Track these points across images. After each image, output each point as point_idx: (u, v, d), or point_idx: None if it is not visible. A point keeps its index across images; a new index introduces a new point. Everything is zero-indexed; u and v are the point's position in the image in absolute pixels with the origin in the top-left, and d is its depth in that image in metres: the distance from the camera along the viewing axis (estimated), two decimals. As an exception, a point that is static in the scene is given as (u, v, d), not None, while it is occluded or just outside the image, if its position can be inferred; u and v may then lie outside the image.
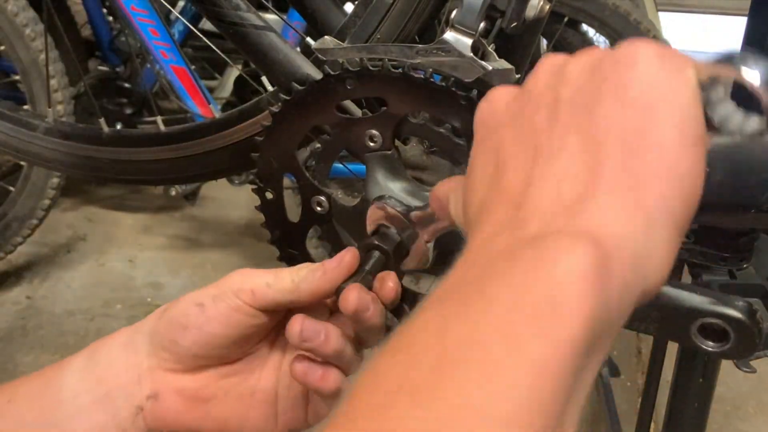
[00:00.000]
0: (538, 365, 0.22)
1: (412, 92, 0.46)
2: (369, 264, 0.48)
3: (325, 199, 0.54)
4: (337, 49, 0.50)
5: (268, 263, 2.11)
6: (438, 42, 0.46)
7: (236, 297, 0.46)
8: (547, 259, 0.23)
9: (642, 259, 0.25)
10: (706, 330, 0.39)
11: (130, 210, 2.26)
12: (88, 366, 0.49)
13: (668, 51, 0.29)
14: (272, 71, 0.55)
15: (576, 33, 1.74)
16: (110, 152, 0.67)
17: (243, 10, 0.54)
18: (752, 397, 1.55)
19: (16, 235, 1.80)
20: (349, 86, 0.49)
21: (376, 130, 0.50)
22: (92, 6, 2.08)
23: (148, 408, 0.48)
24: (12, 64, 1.69)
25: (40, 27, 1.65)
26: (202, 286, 0.48)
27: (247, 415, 0.50)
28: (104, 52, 2.11)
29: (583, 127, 0.28)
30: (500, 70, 0.46)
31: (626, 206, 0.25)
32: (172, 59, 1.77)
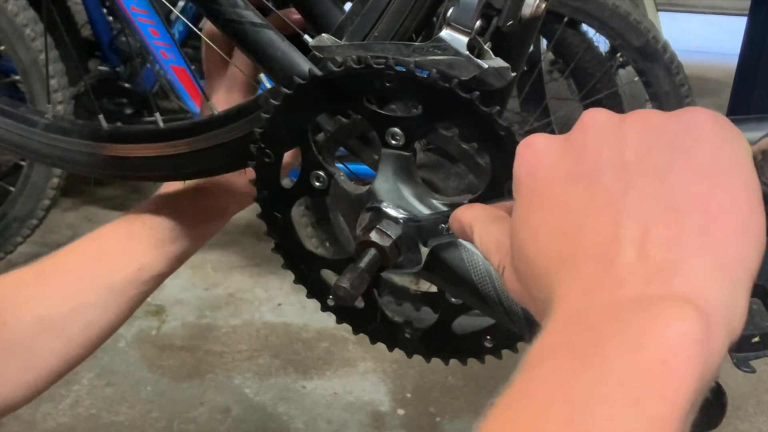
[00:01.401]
0: (659, 423, 0.24)
1: (451, 107, 0.47)
2: (364, 261, 0.48)
3: (325, 176, 0.53)
4: (334, 47, 0.50)
5: (269, 264, 2.12)
6: (434, 40, 0.46)
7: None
8: (660, 324, 0.26)
9: (731, 315, 0.28)
10: None
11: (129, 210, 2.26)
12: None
13: (723, 119, 0.31)
14: (271, 68, 0.55)
15: (576, 33, 1.74)
16: (109, 149, 0.67)
17: (241, 8, 0.54)
18: (752, 397, 1.55)
19: (16, 235, 1.81)
20: (388, 84, 0.48)
21: (400, 130, 0.49)
22: (92, 6, 2.08)
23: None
24: (12, 64, 1.69)
25: (40, 27, 1.65)
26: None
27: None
28: (104, 52, 2.11)
29: (660, 193, 0.29)
30: (496, 69, 0.46)
31: (714, 268, 0.28)
32: (172, 59, 1.78)
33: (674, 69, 1.50)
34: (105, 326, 0.64)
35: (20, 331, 0.59)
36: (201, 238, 0.69)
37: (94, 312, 0.63)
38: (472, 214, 0.41)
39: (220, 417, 1.48)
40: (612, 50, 1.77)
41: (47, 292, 0.62)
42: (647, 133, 0.31)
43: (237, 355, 1.67)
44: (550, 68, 2.08)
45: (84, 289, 0.63)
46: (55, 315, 0.61)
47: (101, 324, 0.63)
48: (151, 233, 0.66)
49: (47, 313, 0.61)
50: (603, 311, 0.27)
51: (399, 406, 1.52)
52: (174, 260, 0.67)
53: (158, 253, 0.66)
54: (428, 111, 0.48)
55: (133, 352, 1.67)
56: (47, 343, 0.60)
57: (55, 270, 0.64)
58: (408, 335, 0.55)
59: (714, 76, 3.05)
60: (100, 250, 0.66)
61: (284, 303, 1.86)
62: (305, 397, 1.54)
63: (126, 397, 1.53)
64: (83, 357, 0.64)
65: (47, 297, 0.62)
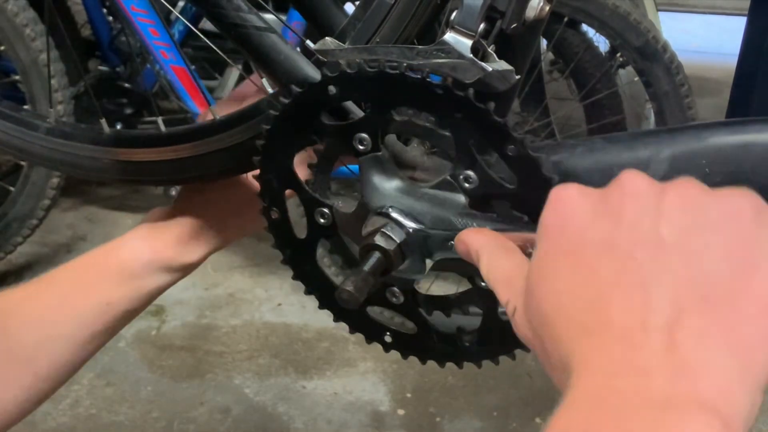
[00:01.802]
0: None
1: (389, 89, 0.46)
2: (368, 264, 0.48)
3: (327, 210, 0.54)
4: (337, 50, 0.50)
5: (269, 264, 2.12)
6: (438, 43, 0.46)
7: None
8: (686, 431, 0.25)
9: (750, 418, 0.27)
10: None
11: (130, 210, 2.26)
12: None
13: (767, 209, 0.31)
14: (273, 72, 0.55)
15: (576, 33, 1.73)
16: (111, 153, 0.67)
17: (244, 11, 0.54)
18: (752, 397, 1.55)
19: (16, 235, 1.81)
20: (331, 92, 0.49)
21: (364, 133, 0.50)
22: (92, 6, 2.08)
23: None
24: (12, 64, 1.69)
25: (40, 27, 1.65)
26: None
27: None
28: (104, 52, 2.11)
29: (695, 280, 0.28)
30: (500, 71, 0.46)
31: (742, 372, 0.27)
32: (172, 59, 1.78)
33: (674, 69, 1.50)
34: (70, 360, 0.62)
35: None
36: (179, 273, 0.67)
37: (60, 344, 0.61)
38: (480, 241, 0.40)
39: (220, 417, 1.48)
40: (612, 50, 1.77)
41: (18, 323, 0.61)
42: (688, 211, 0.30)
43: (237, 355, 1.67)
44: (550, 68, 2.08)
45: (53, 320, 0.62)
46: (24, 346, 0.60)
47: (67, 357, 0.62)
48: (123, 267, 0.64)
49: (16, 344, 0.60)
50: (628, 402, 0.27)
51: (399, 406, 1.51)
52: (146, 296, 0.65)
53: (128, 289, 0.64)
54: (377, 103, 0.48)
55: (133, 352, 1.67)
56: (14, 374, 0.59)
57: (29, 300, 0.63)
58: (466, 343, 0.53)
59: (714, 76, 3.04)
60: (74, 281, 0.64)
61: (284, 303, 1.86)
62: (305, 397, 1.54)
63: (126, 397, 1.53)
64: (49, 392, 0.62)
65: (18, 327, 0.61)
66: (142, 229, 0.67)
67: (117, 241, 0.66)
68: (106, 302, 0.63)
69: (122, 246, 0.65)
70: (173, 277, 0.66)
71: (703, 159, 0.44)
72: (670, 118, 1.52)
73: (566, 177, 0.47)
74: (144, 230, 0.67)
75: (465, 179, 0.47)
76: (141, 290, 0.65)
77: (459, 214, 0.48)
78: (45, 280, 0.65)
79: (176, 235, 0.66)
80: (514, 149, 0.44)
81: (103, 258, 0.65)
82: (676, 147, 0.45)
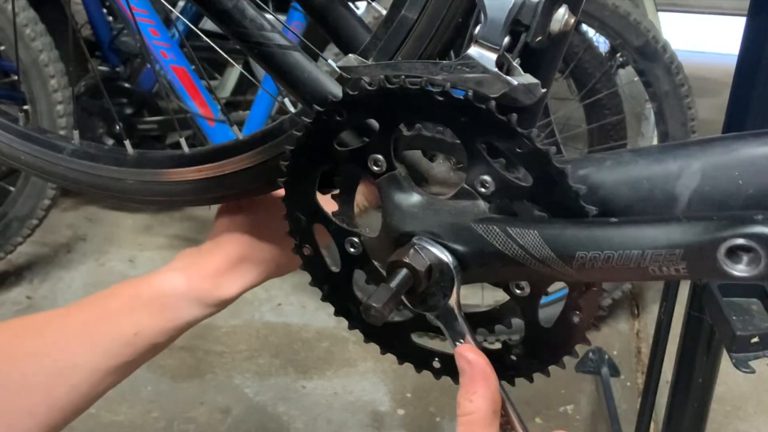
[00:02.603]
0: None
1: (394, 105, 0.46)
2: (395, 281, 0.47)
3: (356, 239, 0.53)
4: (361, 67, 0.50)
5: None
6: (462, 57, 0.45)
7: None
8: None
9: None
10: (735, 256, 0.37)
11: (130, 210, 2.26)
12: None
13: None
14: (297, 90, 0.55)
15: (576, 33, 1.73)
16: (135, 173, 0.67)
17: (267, 30, 0.54)
18: (752, 397, 1.55)
19: (16, 235, 1.81)
20: (339, 117, 0.49)
21: (377, 154, 0.49)
22: (92, 6, 2.08)
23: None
24: (12, 64, 1.69)
25: (40, 27, 1.65)
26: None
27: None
28: (104, 52, 2.11)
29: None
30: (526, 85, 0.45)
31: None
32: (172, 59, 1.78)
33: (674, 69, 1.50)
34: (89, 392, 0.60)
35: (4, 388, 0.56)
36: (213, 308, 0.64)
37: (81, 374, 0.59)
38: (474, 404, 0.45)
39: (220, 417, 1.48)
40: (612, 50, 1.77)
41: (39, 348, 0.59)
42: None
43: (237, 355, 1.67)
44: (550, 68, 2.08)
45: (76, 349, 0.59)
46: (43, 373, 0.58)
47: (86, 388, 0.60)
48: (157, 297, 0.62)
49: (34, 370, 0.57)
50: None
51: (399, 406, 1.52)
52: (176, 329, 0.63)
53: (159, 320, 0.61)
54: (383, 121, 0.48)
55: (133, 352, 1.67)
56: (29, 403, 0.57)
57: (52, 326, 0.61)
58: (514, 357, 0.52)
59: (714, 76, 3.04)
60: (102, 310, 0.62)
61: (284, 303, 1.86)
62: (305, 397, 1.54)
63: (126, 397, 1.53)
64: (63, 424, 0.59)
65: (38, 353, 0.59)
66: (179, 260, 0.65)
67: (153, 272, 0.63)
68: (134, 332, 0.60)
69: (157, 276, 0.63)
70: (207, 311, 0.64)
71: (736, 171, 0.44)
72: (670, 118, 1.52)
73: (595, 190, 0.47)
74: (181, 261, 0.64)
75: (482, 184, 0.47)
76: (172, 322, 0.62)
77: (478, 221, 0.47)
78: (70, 308, 0.62)
79: (214, 267, 0.63)
80: (522, 145, 0.44)
81: (135, 287, 0.62)
82: (706, 159, 0.45)
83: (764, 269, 0.36)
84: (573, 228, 0.43)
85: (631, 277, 0.41)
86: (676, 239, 0.39)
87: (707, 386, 0.84)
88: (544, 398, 1.54)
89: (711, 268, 0.38)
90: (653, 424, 1.37)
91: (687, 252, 0.39)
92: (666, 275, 0.40)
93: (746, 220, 0.37)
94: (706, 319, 0.79)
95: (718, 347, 0.82)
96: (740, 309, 0.71)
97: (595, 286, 0.45)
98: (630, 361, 1.68)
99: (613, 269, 0.41)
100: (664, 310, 0.89)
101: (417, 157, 0.53)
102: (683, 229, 0.39)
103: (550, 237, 0.44)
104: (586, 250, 0.42)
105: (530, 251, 0.44)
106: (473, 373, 0.46)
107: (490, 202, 0.47)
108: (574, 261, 0.42)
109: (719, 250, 0.37)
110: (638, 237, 0.41)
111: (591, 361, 1.53)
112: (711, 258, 0.38)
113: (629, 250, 0.40)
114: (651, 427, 1.23)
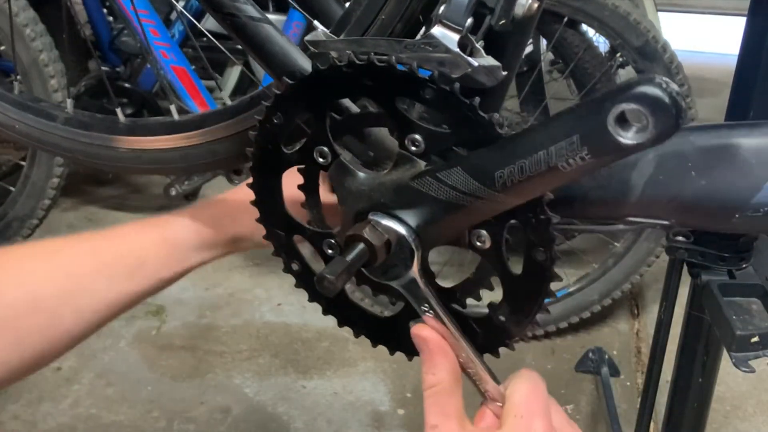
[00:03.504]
0: None
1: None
2: (351, 255, 0.48)
3: (332, 240, 0.54)
4: (329, 42, 0.50)
5: (269, 263, 2.11)
6: (425, 37, 0.46)
7: None
8: None
9: None
10: (625, 123, 0.37)
11: (130, 210, 2.26)
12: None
13: None
14: (269, 62, 0.55)
15: (576, 33, 1.73)
16: (127, 141, 0.67)
17: (240, 2, 0.54)
18: (752, 397, 1.55)
19: (16, 235, 1.81)
20: (276, 120, 0.49)
21: (321, 146, 0.50)
22: (92, 6, 2.08)
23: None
24: (12, 64, 1.69)
25: (40, 27, 1.65)
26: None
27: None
28: (104, 52, 2.11)
29: None
30: (487, 67, 0.46)
31: None
32: (173, 59, 1.78)
33: (674, 69, 1.50)
34: (92, 317, 0.62)
35: (12, 308, 0.58)
36: (210, 254, 0.68)
37: (87, 299, 0.61)
38: (437, 376, 0.49)
39: (220, 417, 1.48)
40: (612, 50, 1.77)
41: (49, 272, 0.61)
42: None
43: (237, 355, 1.67)
44: (550, 68, 2.09)
45: (84, 274, 0.62)
46: (49, 296, 0.60)
47: (89, 314, 0.62)
48: (163, 234, 0.65)
49: (41, 293, 0.60)
50: None
51: (399, 406, 1.52)
52: (178, 266, 0.65)
53: (165, 256, 0.64)
54: (314, 110, 0.49)
55: (133, 352, 1.67)
56: (36, 323, 0.59)
57: (63, 251, 0.63)
58: (501, 317, 0.51)
59: (714, 76, 3.05)
60: (112, 238, 0.65)
61: (284, 303, 1.86)
62: (305, 396, 1.54)
63: (126, 397, 1.53)
64: (69, 345, 0.62)
65: (48, 277, 0.61)
66: (192, 207, 0.69)
67: (165, 215, 0.67)
68: (140, 263, 0.63)
69: (170, 217, 0.67)
70: (215, 253, 0.67)
71: (689, 161, 0.45)
72: (670, 118, 1.52)
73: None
74: (193, 207, 0.69)
75: (412, 143, 0.47)
76: (179, 261, 0.65)
77: (413, 178, 0.47)
78: (82, 235, 0.65)
79: (221, 209, 0.68)
80: (429, 91, 0.44)
81: (147, 224, 0.66)
82: (662, 148, 0.45)
83: (654, 129, 0.35)
84: (486, 152, 0.43)
85: (551, 183, 0.41)
86: (570, 126, 0.39)
87: (707, 386, 0.84)
88: (544, 398, 1.54)
89: (608, 144, 0.37)
90: (653, 424, 1.37)
91: (583, 136, 0.38)
92: (576, 168, 0.39)
93: (626, 86, 0.36)
94: (706, 318, 0.79)
95: (718, 347, 0.82)
96: (740, 308, 0.71)
97: (542, 215, 0.44)
98: (630, 361, 1.68)
99: (532, 180, 0.41)
100: (664, 310, 0.89)
101: (382, 135, 0.53)
102: (574, 115, 0.39)
103: (471, 167, 0.44)
104: (502, 168, 0.42)
105: (459, 188, 0.45)
106: (431, 347, 0.49)
107: (426, 159, 0.47)
108: (496, 183, 0.43)
109: (608, 121, 0.37)
110: (539, 137, 0.40)
111: (591, 361, 1.53)
112: (604, 132, 0.37)
113: (535, 153, 0.40)
114: (651, 427, 1.23)
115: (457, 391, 0.49)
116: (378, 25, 0.52)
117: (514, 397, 0.48)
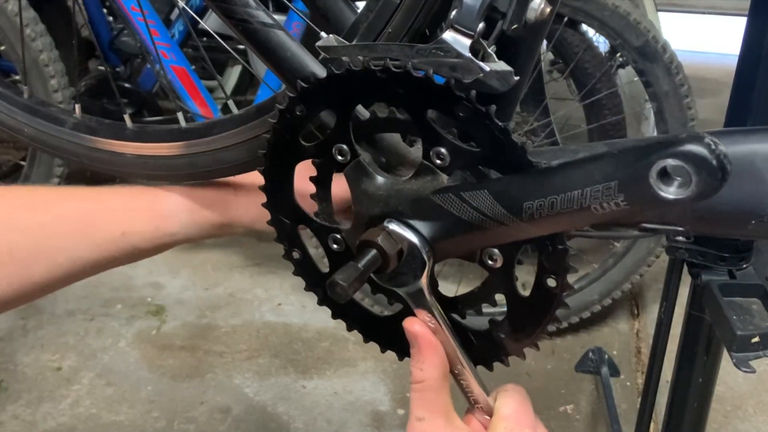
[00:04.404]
0: None
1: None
2: (363, 261, 0.47)
3: (338, 235, 0.53)
4: (340, 47, 0.50)
5: (269, 263, 2.10)
6: (437, 42, 0.46)
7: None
8: None
9: None
10: (667, 178, 0.37)
11: (130, 210, 2.26)
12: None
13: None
14: (280, 68, 0.55)
15: (576, 33, 1.73)
16: (134, 147, 0.67)
17: (252, 8, 0.54)
18: (752, 397, 1.55)
19: (16, 235, 1.81)
20: (299, 112, 0.49)
21: (341, 144, 0.50)
22: (92, 6, 2.08)
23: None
24: (12, 64, 1.69)
25: (40, 27, 1.65)
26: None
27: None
28: (104, 52, 2.11)
29: None
30: (499, 72, 0.45)
31: None
32: (173, 59, 1.78)
33: (674, 69, 1.50)
34: (65, 275, 0.62)
35: None
36: (198, 233, 0.67)
37: (62, 258, 0.61)
38: (424, 372, 0.49)
39: (220, 417, 1.48)
40: (612, 50, 1.77)
41: (29, 225, 0.61)
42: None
43: (237, 355, 1.67)
44: (550, 68, 2.09)
45: (63, 233, 0.62)
46: (25, 249, 0.60)
47: (62, 272, 0.62)
48: (152, 205, 0.65)
49: (19, 245, 0.60)
50: None
51: (399, 406, 1.52)
52: (160, 240, 0.65)
53: (149, 227, 0.64)
54: (339, 109, 0.49)
55: (133, 352, 1.67)
56: (8, 273, 0.60)
57: (47, 206, 0.63)
58: (502, 334, 0.51)
59: (714, 76, 3.05)
60: (98, 202, 0.65)
61: (284, 303, 1.86)
62: (305, 396, 1.54)
63: (126, 397, 1.53)
64: (35, 297, 0.63)
65: (27, 230, 0.61)
66: (179, 187, 0.68)
67: (158, 186, 0.67)
68: (122, 231, 0.62)
69: (160, 189, 0.66)
70: (200, 232, 0.67)
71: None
72: (670, 118, 1.52)
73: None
74: (180, 186, 0.68)
75: (437, 156, 0.47)
76: (160, 232, 0.64)
77: (435, 192, 0.47)
78: (70, 191, 0.65)
79: (217, 191, 0.67)
80: (464, 108, 0.44)
81: (137, 192, 0.66)
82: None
83: (695, 188, 0.36)
84: (517, 181, 0.43)
85: (580, 222, 0.41)
86: (609, 171, 0.39)
87: (707, 386, 0.84)
88: (544, 398, 1.54)
89: (647, 195, 0.37)
90: (653, 424, 1.37)
91: (621, 183, 0.38)
92: (609, 212, 0.39)
93: (673, 141, 0.36)
94: (706, 318, 0.79)
95: (718, 347, 0.82)
96: (740, 309, 0.71)
97: (560, 244, 0.45)
98: (630, 361, 1.68)
99: (560, 215, 0.41)
100: (664, 310, 0.89)
101: (395, 141, 0.53)
102: (615, 160, 0.39)
103: (499, 193, 0.44)
104: (532, 200, 0.42)
105: (484, 211, 0.45)
106: (421, 343, 0.49)
107: (449, 173, 0.47)
108: (524, 213, 0.43)
109: (650, 174, 0.37)
110: (575, 176, 0.40)
111: (591, 361, 1.53)
112: (645, 184, 0.37)
113: (569, 192, 0.40)
114: (651, 427, 1.23)
115: (445, 388, 0.49)
116: (389, 31, 0.52)
117: (503, 410, 0.48)
